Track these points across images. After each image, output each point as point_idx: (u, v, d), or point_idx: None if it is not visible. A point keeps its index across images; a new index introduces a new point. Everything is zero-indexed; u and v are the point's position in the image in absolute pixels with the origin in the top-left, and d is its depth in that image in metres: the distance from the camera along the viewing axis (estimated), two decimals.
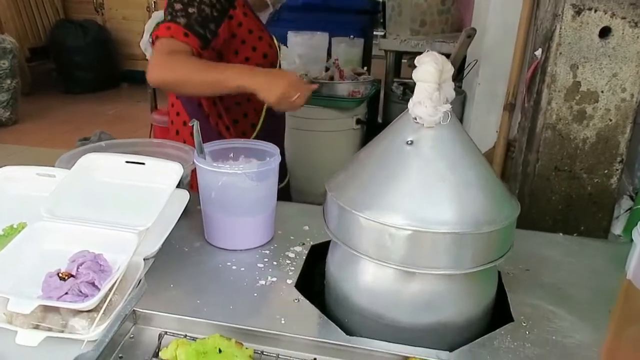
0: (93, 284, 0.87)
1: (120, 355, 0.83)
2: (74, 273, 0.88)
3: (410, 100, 1.00)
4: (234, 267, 1.19)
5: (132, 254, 0.91)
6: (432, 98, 0.95)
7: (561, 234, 1.43)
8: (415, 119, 0.98)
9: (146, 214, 0.99)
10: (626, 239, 1.62)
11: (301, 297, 1.10)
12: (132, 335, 0.86)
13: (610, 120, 1.50)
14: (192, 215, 1.45)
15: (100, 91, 6.40)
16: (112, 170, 1.10)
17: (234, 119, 1.79)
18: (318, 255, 1.27)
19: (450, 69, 0.98)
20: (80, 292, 0.85)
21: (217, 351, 0.75)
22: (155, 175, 1.08)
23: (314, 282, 1.30)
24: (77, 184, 1.06)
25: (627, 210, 1.70)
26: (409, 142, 0.98)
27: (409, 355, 0.78)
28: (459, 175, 0.95)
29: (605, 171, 1.54)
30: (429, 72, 0.95)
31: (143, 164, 1.10)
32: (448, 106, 0.96)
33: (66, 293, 0.85)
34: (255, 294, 1.10)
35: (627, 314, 0.87)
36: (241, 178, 1.17)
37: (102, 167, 1.10)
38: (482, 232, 0.92)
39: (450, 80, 0.99)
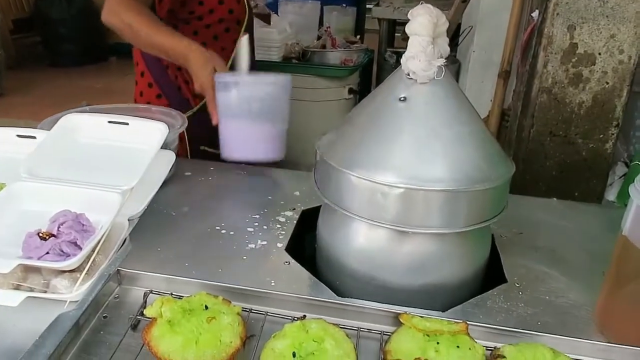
0: (75, 244, 0.84)
1: (104, 315, 0.80)
2: (54, 233, 0.85)
3: (403, 55, 0.96)
4: (223, 231, 1.16)
5: (116, 214, 0.88)
6: (426, 52, 0.91)
7: (555, 198, 1.42)
8: (409, 74, 0.95)
9: (130, 174, 0.95)
10: (620, 204, 1.61)
11: (292, 260, 1.08)
12: (116, 296, 0.84)
13: (607, 83, 1.47)
14: (180, 180, 1.42)
15: (88, 64, 6.25)
16: (95, 131, 1.06)
17: None
18: (309, 220, 1.25)
19: (445, 22, 0.94)
20: (62, 251, 0.83)
21: (204, 308, 0.72)
22: (139, 135, 1.04)
23: (304, 247, 1.28)
24: (57, 144, 1.02)
25: (621, 177, 1.69)
26: (402, 99, 0.94)
27: (400, 312, 0.77)
28: (453, 132, 0.92)
29: (601, 136, 1.52)
30: (423, 24, 0.91)
31: (127, 124, 1.06)
32: (442, 60, 0.93)
33: (47, 253, 0.82)
34: (245, 257, 1.07)
35: (623, 271, 0.85)
36: (283, 89, 1.33)
37: (84, 127, 1.06)
38: (476, 190, 0.89)
39: (445, 35, 0.96)
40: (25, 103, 4.97)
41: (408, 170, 0.89)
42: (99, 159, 1.03)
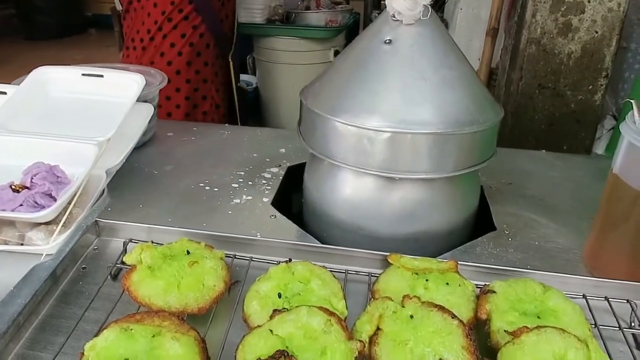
0: (50, 195, 0.81)
1: (83, 266, 0.78)
2: (27, 185, 0.81)
3: None
4: (207, 188, 1.14)
5: (92, 166, 0.84)
6: None
7: (544, 150, 1.40)
8: (394, 15, 0.91)
9: (106, 126, 0.91)
10: (609, 157, 1.61)
11: (278, 214, 1.06)
12: (95, 247, 0.81)
13: (597, 32, 1.44)
14: (161, 140, 1.38)
15: (66, 37, 6.07)
16: (68, 84, 1.01)
17: None
18: (295, 177, 1.23)
19: None
20: (36, 203, 0.79)
21: (185, 253, 0.70)
22: (115, 88, 1.00)
23: (291, 204, 1.26)
24: (29, 98, 0.98)
25: (609, 130, 1.67)
26: (387, 42, 0.91)
27: (388, 254, 0.75)
28: (440, 75, 0.89)
29: (590, 87, 1.50)
30: None
31: (101, 76, 1.01)
32: (428, 0, 0.89)
33: (21, 205, 0.79)
34: (230, 212, 1.05)
35: (612, 211, 0.84)
36: None
37: (56, 80, 1.02)
38: (465, 133, 0.87)
39: None
40: (0, 77, 4.83)
41: (395, 114, 0.86)
42: (73, 113, 0.98)
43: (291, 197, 1.27)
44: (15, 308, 0.65)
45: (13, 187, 0.80)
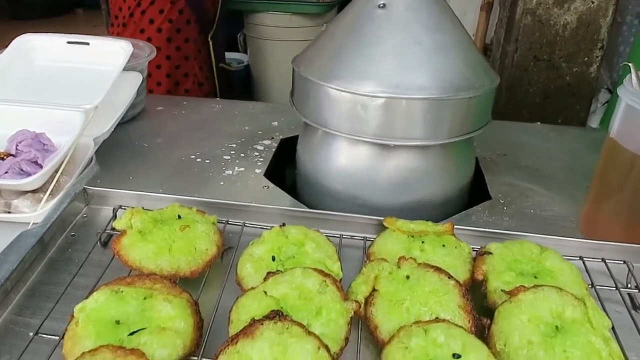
0: (36, 163, 0.78)
1: (72, 234, 0.76)
2: (12, 152, 0.79)
3: None
4: (198, 160, 1.12)
5: (79, 134, 0.82)
6: None
7: (539, 123, 1.39)
8: None
9: (93, 94, 0.89)
10: (604, 129, 1.60)
11: (271, 185, 1.04)
12: (84, 215, 0.79)
13: (593, 2, 1.42)
14: (151, 114, 1.36)
15: (52, 17, 5.94)
16: (53, 52, 0.98)
17: None
18: (287, 151, 1.21)
19: None
20: (22, 170, 0.77)
21: (176, 217, 0.68)
22: (101, 56, 0.97)
23: (284, 178, 1.24)
24: (12, 66, 0.95)
25: (604, 104, 1.67)
26: (381, 5, 0.89)
27: (383, 218, 0.74)
28: (435, 39, 0.87)
29: (585, 59, 1.48)
30: None
31: (87, 44, 0.98)
32: None
33: (6, 172, 0.76)
34: (222, 183, 1.03)
35: (609, 175, 0.83)
36: None
37: (41, 48, 0.98)
38: (460, 98, 0.85)
39: None
40: None
41: (389, 80, 0.84)
42: (59, 81, 0.95)
43: (284, 172, 1.25)
44: (2, 274, 0.63)
45: None
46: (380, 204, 0.95)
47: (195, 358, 0.56)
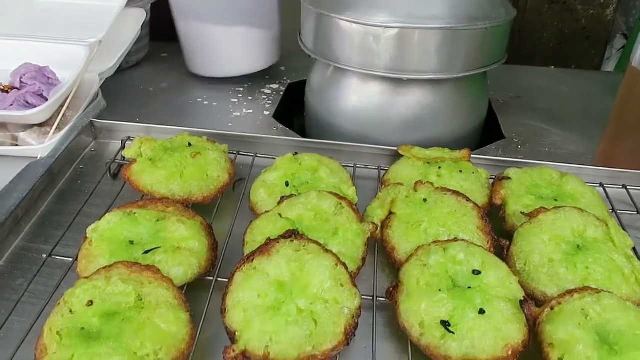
0: (41, 95, 0.77)
1: (81, 166, 0.75)
2: (17, 85, 0.77)
3: None
4: (205, 103, 1.09)
5: (84, 67, 0.80)
6: None
7: (553, 67, 1.36)
8: None
9: (96, 29, 0.86)
10: (619, 73, 1.56)
11: (280, 126, 1.02)
12: (93, 149, 0.78)
13: None
14: (156, 61, 1.32)
15: None
16: None
17: None
18: (296, 96, 1.18)
19: None
20: (27, 103, 0.75)
21: (187, 145, 0.67)
22: None
23: (292, 124, 1.22)
24: (11, 4, 0.91)
25: (619, 50, 1.61)
26: None
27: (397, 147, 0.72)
28: None
29: (602, 0, 1.43)
30: None
31: None
32: None
33: (11, 105, 0.75)
34: (230, 124, 1.01)
35: (630, 106, 0.81)
36: None
37: None
38: (476, 29, 0.82)
39: None
40: None
41: (402, 9, 0.81)
42: (60, 18, 0.93)
43: (292, 119, 1.23)
44: (12, 201, 0.62)
45: (2, 87, 0.76)
46: (392, 144, 0.93)
47: (211, 278, 0.56)
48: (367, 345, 0.52)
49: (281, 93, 1.16)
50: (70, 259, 0.57)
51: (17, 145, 0.74)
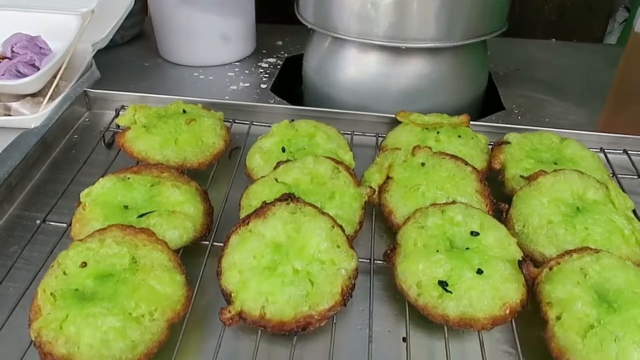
0: (33, 65, 0.75)
1: (75, 136, 0.74)
2: (8, 55, 0.76)
3: None
4: (201, 77, 1.08)
5: (76, 36, 0.78)
6: None
7: (554, 40, 1.34)
8: None
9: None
10: (621, 46, 1.54)
11: (277, 98, 1.01)
12: (87, 119, 0.77)
13: None
14: (151, 37, 1.30)
15: None
16: None
17: None
18: (293, 70, 1.16)
19: None
20: (19, 72, 0.74)
21: (181, 112, 0.66)
22: None
23: (290, 98, 1.21)
24: None
25: (621, 23, 1.59)
26: None
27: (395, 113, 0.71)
28: None
29: None
30: None
31: None
32: None
33: (3, 74, 0.73)
34: (227, 97, 1.00)
35: (632, 73, 0.80)
36: None
37: None
38: None
39: None
40: None
41: None
42: None
43: (290, 93, 1.21)
44: (5, 169, 0.62)
45: None
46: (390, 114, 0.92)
47: (207, 242, 0.55)
48: (364, 308, 0.52)
49: (278, 67, 1.15)
50: (64, 225, 0.56)
51: (10, 115, 0.73)
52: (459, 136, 0.65)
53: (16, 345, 0.47)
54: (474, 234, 0.51)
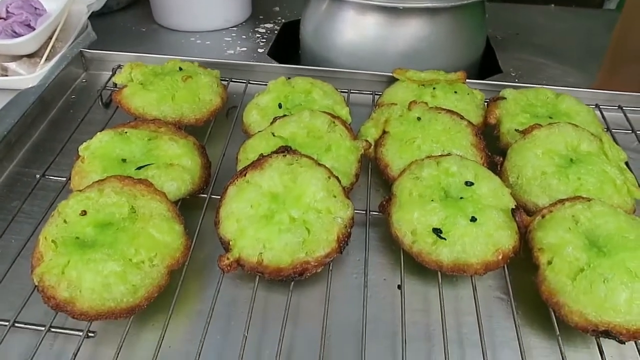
0: (28, 25, 0.75)
1: (72, 96, 0.74)
2: (3, 15, 0.75)
3: None
4: (198, 41, 1.07)
5: None
6: None
7: (553, 5, 1.32)
8: None
9: None
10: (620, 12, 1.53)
11: (275, 62, 1.01)
12: (84, 80, 0.77)
13: None
14: (146, 2, 1.29)
15: None
16: None
17: None
18: (290, 36, 1.16)
19: None
20: (15, 32, 0.74)
21: (178, 69, 0.66)
22: None
23: (287, 60, 1.20)
24: None
25: None
26: None
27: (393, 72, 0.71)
28: None
29: None
30: None
31: None
32: None
33: None
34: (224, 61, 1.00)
35: (631, 29, 0.79)
36: None
37: None
38: None
39: None
40: None
41: None
42: None
43: (287, 57, 1.21)
44: (4, 127, 0.62)
45: None
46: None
47: (205, 195, 0.56)
48: (360, 258, 0.53)
49: (276, 32, 1.14)
50: (64, 179, 0.57)
51: (7, 76, 0.73)
52: (455, 92, 0.65)
53: (19, 293, 0.48)
54: (469, 184, 0.51)
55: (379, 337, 0.47)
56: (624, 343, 0.43)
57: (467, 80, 0.70)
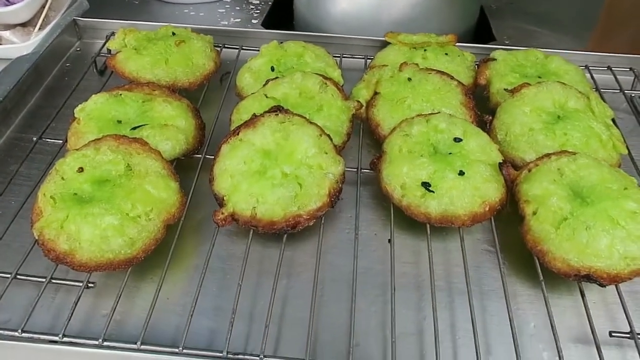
0: None
1: (67, 64, 0.75)
2: None
3: None
4: (192, 13, 1.07)
5: None
6: None
7: None
8: None
9: None
10: None
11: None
12: (78, 49, 0.78)
13: None
14: None
15: None
16: None
17: None
18: (284, 7, 1.15)
19: None
20: (8, 1, 0.74)
21: (171, 34, 0.66)
22: None
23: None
24: None
25: None
26: None
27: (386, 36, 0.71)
28: None
29: None
30: None
31: None
32: None
33: None
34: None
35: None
36: None
37: None
38: None
39: None
40: None
41: None
42: None
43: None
44: None
45: None
46: None
47: (199, 156, 0.57)
48: (352, 214, 0.54)
49: (269, 3, 1.14)
50: (60, 141, 0.58)
51: (0, 44, 0.73)
52: (446, 54, 0.66)
53: (19, 250, 0.49)
54: (457, 140, 0.52)
55: (370, 287, 0.49)
56: (605, 287, 0.45)
57: (458, 43, 0.71)
